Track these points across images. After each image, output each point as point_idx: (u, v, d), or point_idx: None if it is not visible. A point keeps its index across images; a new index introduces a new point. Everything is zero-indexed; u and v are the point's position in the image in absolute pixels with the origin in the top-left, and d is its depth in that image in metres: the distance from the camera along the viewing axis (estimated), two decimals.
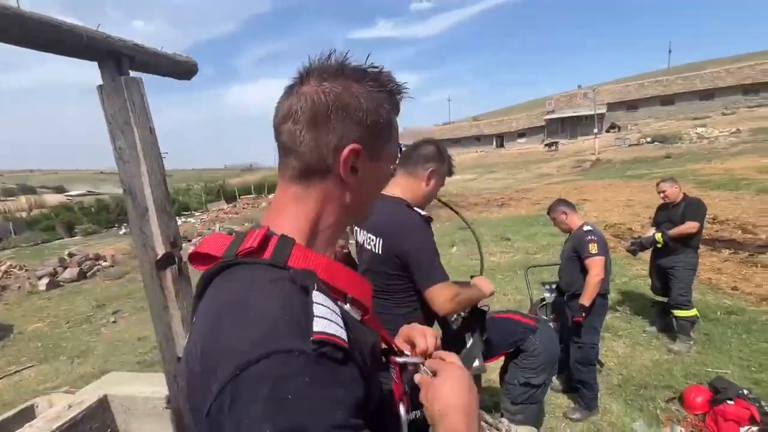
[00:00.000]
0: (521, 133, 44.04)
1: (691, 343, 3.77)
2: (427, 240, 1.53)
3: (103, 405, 1.86)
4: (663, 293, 4.02)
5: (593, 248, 2.78)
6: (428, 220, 1.57)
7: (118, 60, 1.52)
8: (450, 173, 1.71)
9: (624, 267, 6.12)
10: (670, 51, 66.27)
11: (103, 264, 11.29)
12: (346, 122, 0.56)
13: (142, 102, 1.58)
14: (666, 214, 3.88)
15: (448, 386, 0.58)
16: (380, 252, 1.53)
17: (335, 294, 0.54)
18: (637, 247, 4.03)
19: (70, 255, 11.23)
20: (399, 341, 0.72)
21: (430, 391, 0.59)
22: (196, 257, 0.58)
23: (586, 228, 2.92)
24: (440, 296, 1.46)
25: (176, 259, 1.67)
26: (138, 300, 7.74)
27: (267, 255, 0.53)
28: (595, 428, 2.88)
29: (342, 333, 0.45)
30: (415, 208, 1.56)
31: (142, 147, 1.56)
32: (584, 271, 2.85)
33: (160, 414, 1.83)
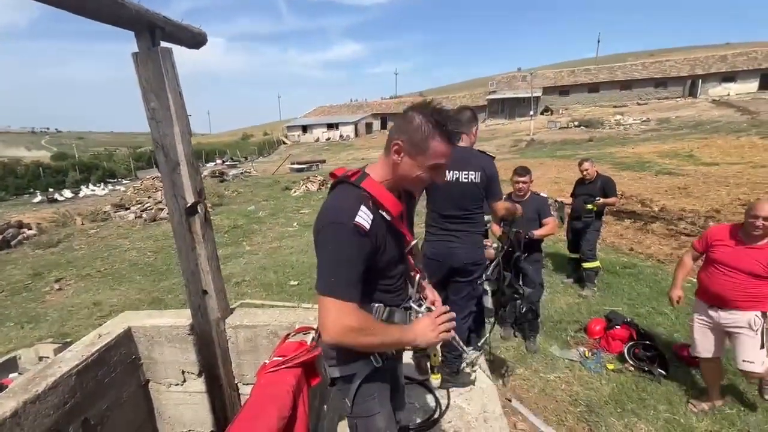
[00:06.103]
0: None
1: (595, 289, 4.76)
2: (496, 170, 2.51)
3: (128, 335, 2.11)
4: (575, 250, 4.96)
5: (552, 210, 3.77)
6: (493, 157, 2.57)
7: (153, 31, 1.73)
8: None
9: None
10: (599, 41, 71.36)
11: (28, 232, 10.37)
12: (401, 131, 1.15)
13: (173, 69, 1.81)
14: (584, 188, 4.76)
15: (421, 321, 1.22)
16: (478, 179, 2.42)
17: (378, 204, 1.14)
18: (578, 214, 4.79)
19: None
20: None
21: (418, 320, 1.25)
22: (332, 174, 1.25)
23: (543, 194, 3.71)
24: (501, 206, 2.56)
25: (202, 207, 1.96)
26: (82, 268, 7.39)
27: (353, 179, 1.18)
28: (522, 353, 3.66)
29: (366, 224, 1.08)
30: (485, 151, 2.57)
31: (174, 109, 1.81)
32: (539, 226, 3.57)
33: (182, 339, 2.13)
